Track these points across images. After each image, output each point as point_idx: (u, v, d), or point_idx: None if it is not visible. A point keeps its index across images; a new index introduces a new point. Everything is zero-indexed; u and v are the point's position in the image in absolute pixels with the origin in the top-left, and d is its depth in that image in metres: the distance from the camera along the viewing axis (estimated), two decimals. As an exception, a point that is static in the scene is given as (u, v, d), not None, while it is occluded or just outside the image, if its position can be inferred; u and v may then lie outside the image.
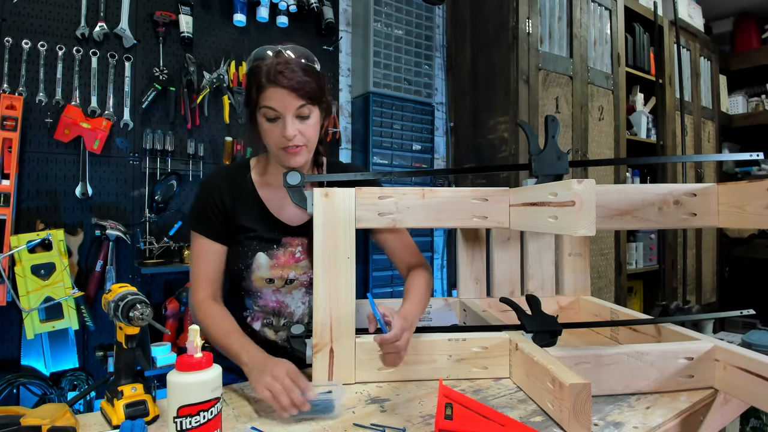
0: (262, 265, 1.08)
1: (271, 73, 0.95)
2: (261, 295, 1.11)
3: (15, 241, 1.66)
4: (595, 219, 0.75)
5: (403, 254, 1.19)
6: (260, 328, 1.12)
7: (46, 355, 1.79)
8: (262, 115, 0.99)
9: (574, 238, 1.38)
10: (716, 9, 3.95)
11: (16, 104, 1.70)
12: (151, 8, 2.03)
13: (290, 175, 1.00)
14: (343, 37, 2.57)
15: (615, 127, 2.95)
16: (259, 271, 1.08)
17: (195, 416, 0.66)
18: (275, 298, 1.11)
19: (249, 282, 1.09)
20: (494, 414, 0.76)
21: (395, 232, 1.18)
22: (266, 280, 1.09)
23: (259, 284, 1.09)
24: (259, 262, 1.08)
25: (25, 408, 0.74)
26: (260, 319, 1.13)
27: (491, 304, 1.32)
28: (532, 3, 2.51)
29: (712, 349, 0.92)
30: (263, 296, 1.11)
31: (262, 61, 0.98)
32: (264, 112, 0.98)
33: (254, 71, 0.98)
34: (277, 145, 1.00)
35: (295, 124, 0.98)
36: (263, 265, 1.08)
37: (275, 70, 0.95)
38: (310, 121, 1.00)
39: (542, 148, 1.04)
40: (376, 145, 2.53)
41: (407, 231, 1.22)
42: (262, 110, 0.98)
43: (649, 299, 3.41)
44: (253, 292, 1.11)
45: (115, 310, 0.78)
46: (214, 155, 2.16)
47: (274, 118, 0.98)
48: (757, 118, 3.95)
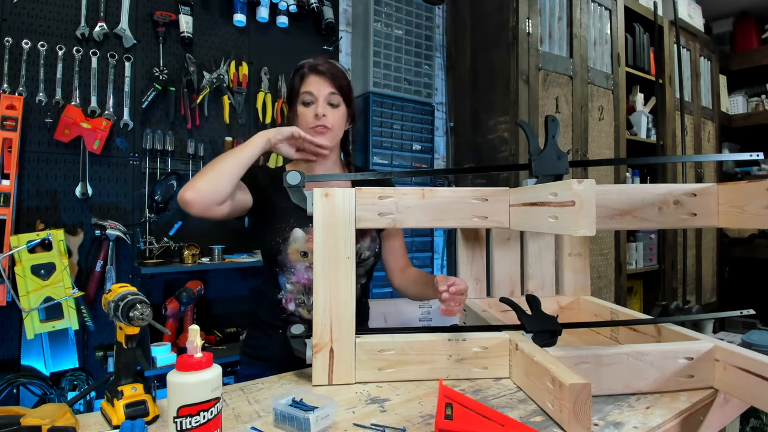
0: (298, 239, 1.17)
1: (312, 65, 1.21)
2: (294, 270, 1.19)
3: (15, 241, 1.66)
4: (595, 219, 0.75)
5: (403, 258, 1.34)
6: (294, 308, 1.19)
7: (46, 355, 1.79)
8: (300, 102, 1.20)
9: (574, 238, 1.38)
10: (716, 9, 3.95)
11: (16, 104, 1.70)
12: (151, 8, 2.03)
13: (290, 175, 1.00)
14: (343, 37, 2.57)
15: (615, 127, 2.95)
16: (295, 243, 1.17)
17: (195, 416, 0.66)
18: (307, 276, 1.18)
19: (285, 255, 1.17)
20: (494, 414, 0.76)
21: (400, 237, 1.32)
22: (301, 253, 1.17)
23: (294, 257, 1.17)
24: (296, 235, 1.17)
25: (25, 408, 0.74)
26: (293, 300, 1.20)
27: (491, 304, 1.32)
28: (532, 3, 2.51)
29: (712, 349, 0.92)
30: (296, 272, 1.19)
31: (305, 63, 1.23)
32: (302, 98, 1.20)
33: (298, 69, 1.23)
34: (308, 125, 1.18)
35: (325, 107, 1.18)
36: (299, 238, 1.17)
37: (316, 63, 1.21)
38: (338, 111, 1.20)
39: (542, 148, 1.04)
40: (376, 145, 2.53)
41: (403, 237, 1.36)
42: (301, 96, 1.20)
43: (649, 299, 3.41)
44: (288, 267, 1.19)
45: (115, 310, 0.78)
46: (214, 155, 2.16)
47: (309, 102, 1.19)
48: (757, 118, 3.95)
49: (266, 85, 2.27)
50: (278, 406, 0.78)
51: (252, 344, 1.27)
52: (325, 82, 1.19)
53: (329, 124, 1.18)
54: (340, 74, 1.21)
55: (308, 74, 1.20)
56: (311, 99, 1.19)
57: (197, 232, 2.09)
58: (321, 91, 1.18)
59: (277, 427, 0.78)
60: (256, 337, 1.26)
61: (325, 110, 1.18)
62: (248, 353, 1.27)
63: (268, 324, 1.23)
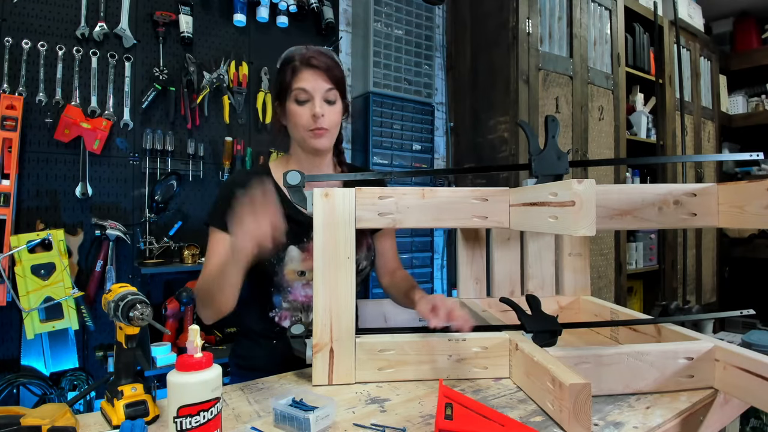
0: (294, 258, 1.11)
1: (305, 58, 1.08)
2: (291, 289, 1.13)
3: (15, 241, 1.66)
4: (595, 219, 0.75)
5: (394, 260, 1.31)
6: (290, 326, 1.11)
7: (46, 355, 1.79)
8: (293, 99, 1.08)
9: (574, 238, 1.38)
10: (716, 9, 3.95)
11: (16, 104, 1.70)
12: (151, 8, 2.03)
13: (290, 175, 1.00)
14: (343, 37, 2.57)
15: (615, 127, 2.95)
16: (291, 264, 1.10)
17: (195, 416, 0.66)
18: (305, 293, 1.13)
19: (281, 276, 1.11)
20: (494, 414, 0.76)
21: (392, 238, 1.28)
22: (298, 272, 1.11)
23: (290, 277, 1.12)
24: (292, 255, 1.10)
25: (25, 408, 0.73)
26: (288, 318, 1.14)
27: (491, 304, 1.32)
28: (532, 3, 2.51)
29: (712, 349, 0.92)
30: (293, 290, 1.13)
31: (294, 54, 1.10)
32: (295, 95, 1.08)
33: (288, 61, 1.10)
34: (305, 127, 1.09)
35: (323, 106, 1.08)
36: (295, 258, 1.11)
37: (309, 55, 1.08)
38: (335, 108, 1.11)
39: (542, 148, 1.04)
40: (376, 145, 2.53)
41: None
42: (293, 93, 1.08)
43: (649, 299, 3.41)
44: (284, 287, 1.13)
45: (115, 310, 0.78)
46: (214, 155, 2.16)
47: (304, 101, 1.08)
48: (757, 118, 3.95)
49: (266, 85, 2.27)
50: (278, 406, 0.78)
51: (242, 354, 1.20)
52: (320, 77, 1.08)
53: (327, 125, 1.09)
54: (335, 65, 1.11)
55: (301, 68, 1.08)
56: (306, 97, 1.08)
57: (197, 232, 2.09)
58: (317, 88, 1.08)
59: (277, 427, 0.78)
60: (247, 347, 1.20)
61: (323, 109, 1.08)
62: (238, 364, 1.20)
63: (259, 334, 1.17)
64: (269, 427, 0.79)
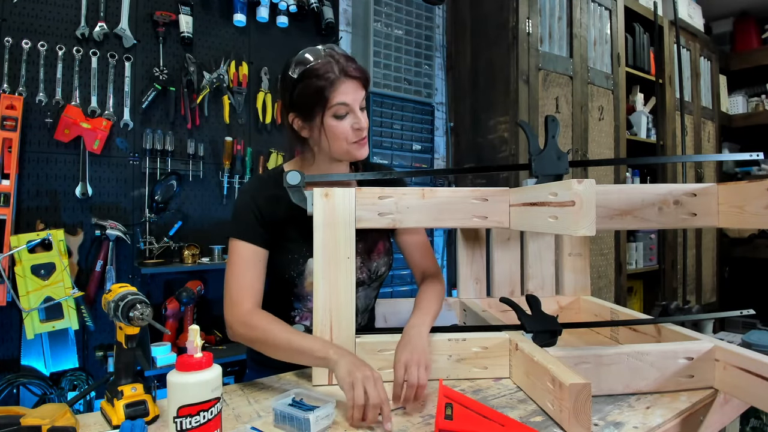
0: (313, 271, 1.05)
1: (343, 69, 0.97)
2: (311, 298, 1.08)
3: (15, 241, 1.66)
4: (595, 219, 0.75)
5: (422, 259, 1.19)
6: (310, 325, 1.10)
7: (46, 355, 1.79)
8: (332, 115, 0.99)
9: (574, 238, 1.38)
10: (716, 9, 3.95)
11: (16, 104, 1.70)
12: (151, 8, 2.02)
13: (290, 175, 0.99)
14: (343, 37, 2.57)
15: (615, 127, 2.95)
16: (311, 276, 1.04)
17: (195, 416, 0.66)
18: None
19: (301, 288, 1.09)
20: (494, 414, 0.76)
21: (416, 235, 1.19)
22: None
23: (310, 289, 1.08)
24: (311, 267, 1.03)
25: (25, 408, 0.74)
26: (309, 319, 1.11)
27: (491, 304, 1.32)
28: (532, 3, 2.51)
29: (712, 349, 0.92)
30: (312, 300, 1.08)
31: (317, 60, 0.97)
32: (336, 110, 0.98)
33: (316, 71, 0.97)
34: (348, 140, 1.01)
35: (363, 115, 1.02)
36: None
37: (346, 66, 0.98)
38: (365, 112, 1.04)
39: (542, 148, 1.04)
40: (377, 145, 2.53)
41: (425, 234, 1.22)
42: (333, 108, 0.98)
43: (649, 299, 3.41)
44: (304, 296, 1.11)
45: (115, 310, 0.78)
46: (214, 155, 2.16)
47: (344, 114, 1.00)
48: (757, 118, 3.95)
49: (266, 85, 2.27)
50: (278, 406, 0.78)
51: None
52: (359, 86, 1.00)
53: (366, 132, 1.04)
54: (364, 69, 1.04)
55: (341, 79, 0.97)
56: (347, 110, 1.00)
57: (197, 232, 2.09)
58: (356, 100, 1.00)
59: (277, 427, 0.78)
60: None
61: (364, 119, 1.02)
62: (256, 359, 1.17)
63: None
64: (269, 427, 0.79)
